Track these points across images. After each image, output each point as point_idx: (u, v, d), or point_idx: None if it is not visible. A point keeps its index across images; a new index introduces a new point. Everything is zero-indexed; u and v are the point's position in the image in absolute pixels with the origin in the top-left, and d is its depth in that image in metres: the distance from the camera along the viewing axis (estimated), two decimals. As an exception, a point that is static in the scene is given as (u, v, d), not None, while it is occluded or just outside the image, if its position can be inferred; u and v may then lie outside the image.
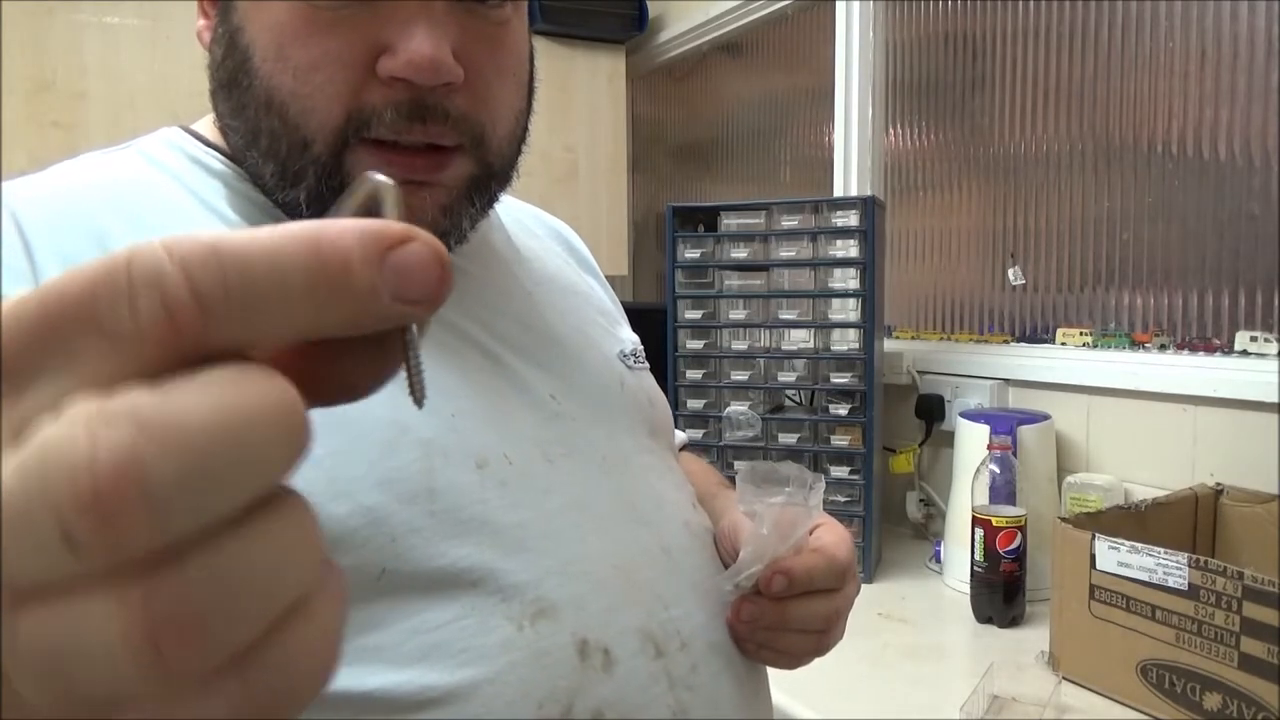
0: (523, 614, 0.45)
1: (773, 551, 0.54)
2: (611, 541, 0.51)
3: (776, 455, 1.45)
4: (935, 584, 1.35)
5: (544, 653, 0.44)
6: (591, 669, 0.45)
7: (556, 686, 0.44)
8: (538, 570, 0.46)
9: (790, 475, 0.56)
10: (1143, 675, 0.92)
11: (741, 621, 0.54)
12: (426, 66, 0.45)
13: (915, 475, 1.56)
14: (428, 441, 0.46)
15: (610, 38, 2.24)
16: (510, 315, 0.56)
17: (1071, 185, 1.44)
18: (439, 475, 0.45)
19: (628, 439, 0.58)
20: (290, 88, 0.46)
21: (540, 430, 0.52)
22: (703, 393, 1.49)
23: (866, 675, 1.04)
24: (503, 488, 0.47)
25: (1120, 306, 1.38)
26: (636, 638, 0.48)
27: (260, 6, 0.46)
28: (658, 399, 0.66)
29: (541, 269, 0.63)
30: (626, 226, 2.37)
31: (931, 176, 1.70)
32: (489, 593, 0.44)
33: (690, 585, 0.53)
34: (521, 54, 0.53)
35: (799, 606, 0.55)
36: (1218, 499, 1.14)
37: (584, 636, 0.46)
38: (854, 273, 1.40)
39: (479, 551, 0.45)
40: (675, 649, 0.49)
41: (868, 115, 1.76)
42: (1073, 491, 1.28)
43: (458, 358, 0.51)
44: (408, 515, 0.44)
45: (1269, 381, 1.11)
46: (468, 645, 0.43)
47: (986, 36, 1.57)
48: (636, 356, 0.65)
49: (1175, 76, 1.28)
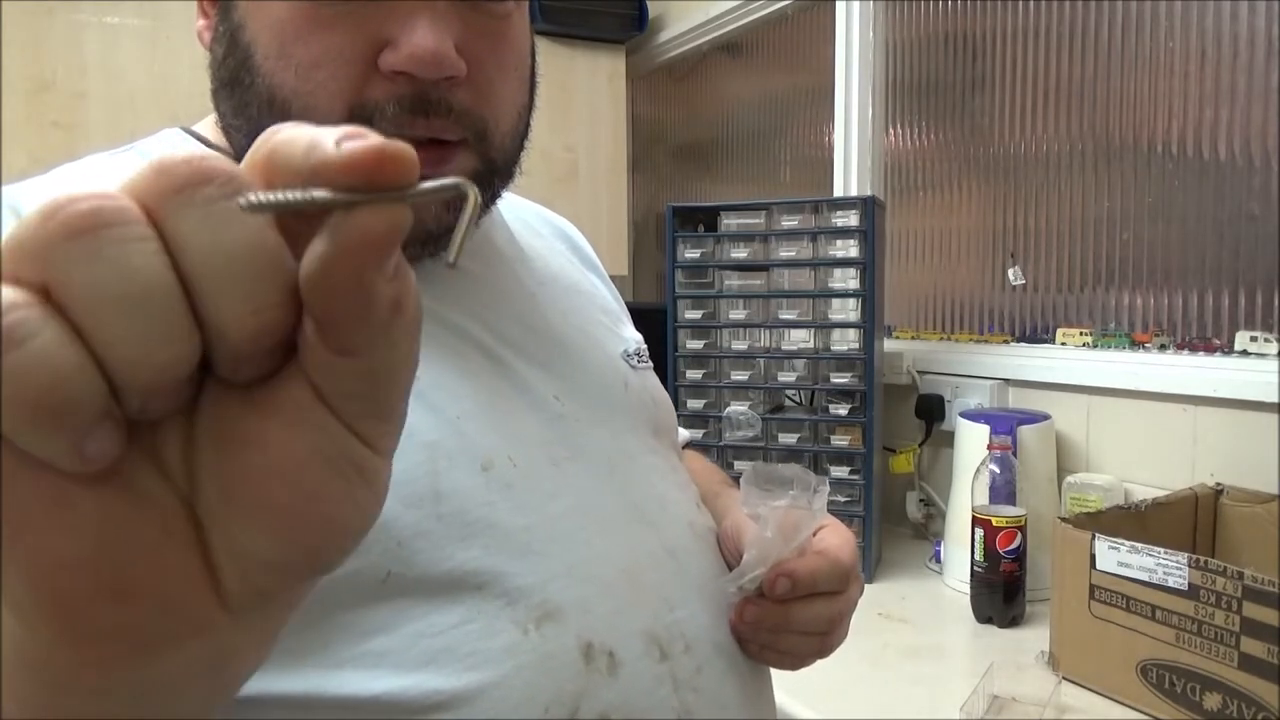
0: (528, 618, 0.45)
1: (776, 554, 0.54)
2: (616, 544, 0.51)
3: (776, 455, 1.45)
4: (935, 584, 1.35)
5: (549, 656, 0.44)
6: (597, 672, 0.45)
7: (562, 690, 0.44)
8: (543, 573, 0.46)
9: (794, 477, 0.56)
10: (1143, 675, 0.92)
11: (745, 623, 0.54)
12: (429, 60, 0.45)
13: (915, 475, 1.56)
14: (433, 444, 0.46)
15: (610, 38, 2.24)
16: (513, 315, 0.56)
17: (1071, 185, 1.44)
18: (444, 478, 0.45)
19: (631, 439, 0.58)
20: (292, 85, 0.45)
21: (544, 432, 0.52)
22: (703, 393, 1.49)
23: (866, 675, 1.04)
24: (508, 490, 0.47)
25: (1120, 306, 1.38)
26: (641, 640, 0.48)
27: (261, 5, 0.46)
28: (661, 399, 0.66)
29: (545, 268, 0.63)
30: (626, 226, 2.37)
31: (931, 176, 1.70)
32: (494, 596, 0.44)
33: (694, 587, 0.54)
34: (523, 49, 0.53)
35: (802, 609, 0.55)
36: (1218, 499, 1.14)
37: (589, 640, 0.46)
38: (854, 273, 1.40)
39: (485, 555, 0.45)
40: (680, 651, 0.49)
41: (868, 115, 1.76)
42: (1073, 491, 1.28)
43: (461, 359, 0.51)
44: (413, 519, 0.44)
45: (1269, 381, 1.11)
46: (474, 649, 0.43)
47: (986, 36, 1.57)
48: (640, 356, 0.65)
49: (1175, 76, 1.28)
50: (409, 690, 0.42)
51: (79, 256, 0.18)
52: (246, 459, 0.20)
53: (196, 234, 0.19)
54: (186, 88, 1.77)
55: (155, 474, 0.20)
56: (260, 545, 0.20)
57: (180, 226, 0.19)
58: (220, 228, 0.19)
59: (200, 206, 0.19)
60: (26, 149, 1.66)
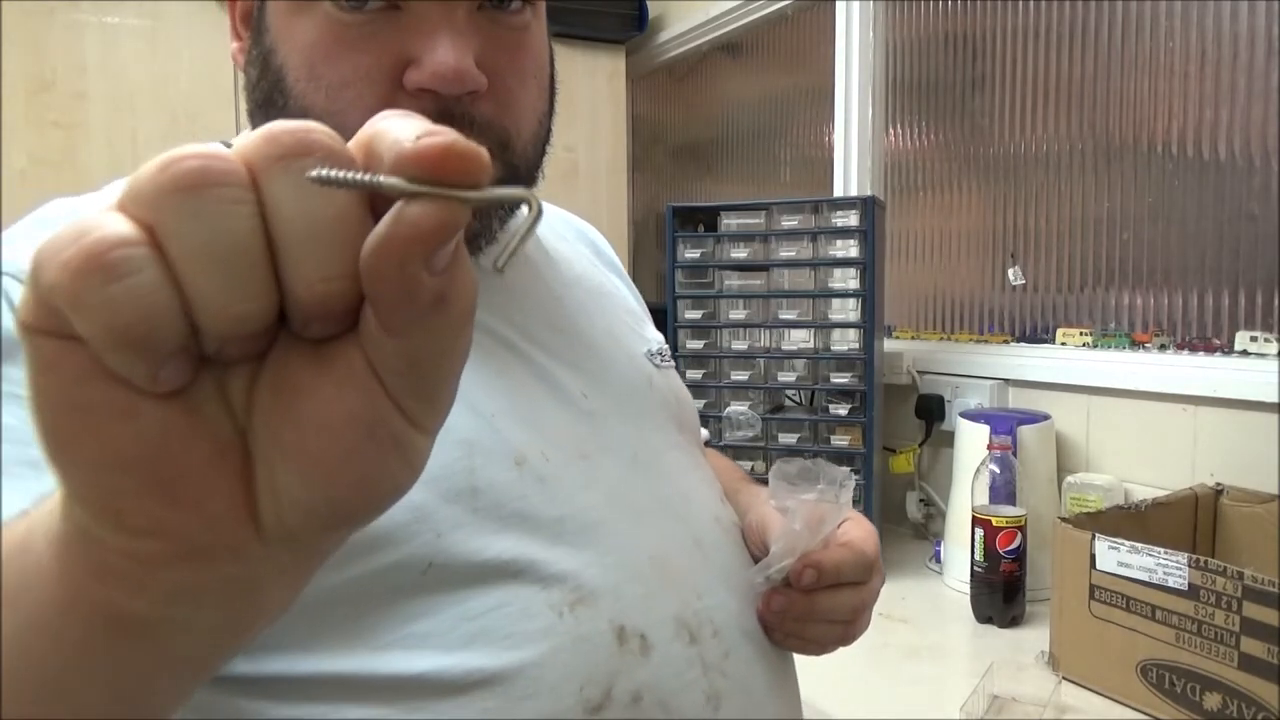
0: (563, 601, 0.47)
1: (804, 546, 0.56)
2: (645, 534, 0.52)
3: (776, 455, 1.45)
4: (935, 584, 1.35)
5: (584, 638, 0.46)
6: (630, 653, 0.48)
7: (597, 669, 0.46)
8: (576, 561, 0.48)
9: (821, 472, 0.58)
10: (1143, 675, 0.92)
11: (772, 612, 0.56)
12: (451, 77, 0.46)
13: (915, 475, 1.56)
14: (469, 442, 0.48)
15: (610, 38, 2.24)
16: (540, 317, 0.57)
17: (1071, 185, 1.44)
18: (480, 474, 0.47)
19: (657, 435, 0.60)
20: (323, 106, 0.47)
21: (574, 428, 0.54)
22: (703, 393, 1.49)
23: (866, 675, 1.04)
24: (541, 484, 0.50)
25: (1120, 306, 1.38)
26: (671, 625, 0.50)
27: (290, 29, 0.48)
28: (684, 397, 0.68)
29: (569, 271, 0.65)
30: (626, 226, 2.37)
31: (931, 176, 1.70)
32: (530, 582, 0.47)
33: (721, 576, 0.55)
34: (542, 57, 0.54)
35: (827, 598, 0.57)
36: (1218, 499, 1.14)
37: (621, 623, 0.48)
38: (854, 273, 1.40)
39: (520, 545, 0.47)
40: (708, 636, 0.51)
41: (868, 115, 1.76)
42: (1073, 491, 1.28)
43: (494, 359, 0.53)
44: (451, 512, 0.46)
45: (1269, 381, 1.11)
46: (511, 631, 0.45)
47: (986, 36, 1.57)
48: (663, 355, 0.67)
49: (1175, 76, 1.28)
50: (451, 669, 0.44)
51: (183, 210, 0.20)
52: (297, 407, 0.22)
53: (288, 201, 0.21)
54: (186, 88, 1.77)
55: (219, 404, 0.22)
56: (295, 488, 0.22)
57: (275, 191, 0.21)
58: (309, 198, 0.21)
59: (296, 174, 0.21)
60: (26, 149, 1.66)
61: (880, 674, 1.04)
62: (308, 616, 0.42)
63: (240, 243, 0.20)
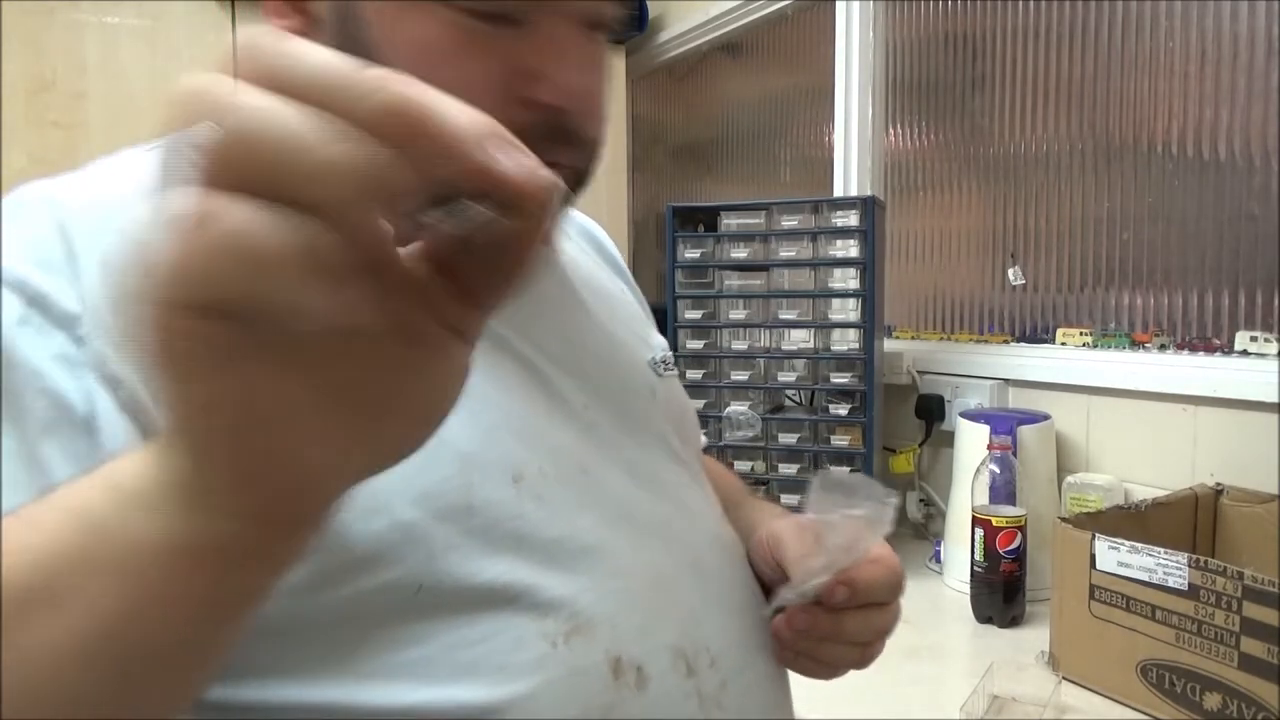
0: (557, 631, 0.45)
1: (841, 563, 0.54)
2: (644, 556, 0.51)
3: (776, 455, 1.45)
4: (935, 584, 1.35)
5: (579, 671, 0.45)
6: (625, 687, 0.46)
7: (591, 704, 0.44)
8: (573, 587, 0.46)
9: (860, 486, 0.55)
10: (1143, 675, 0.92)
11: (794, 630, 0.54)
12: (582, 96, 0.47)
13: (915, 475, 1.56)
14: (465, 455, 0.46)
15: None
16: (545, 321, 0.55)
17: (1071, 185, 1.44)
18: (476, 491, 0.45)
19: (658, 450, 0.58)
20: None
21: (574, 442, 0.52)
22: (703, 393, 1.49)
23: (866, 675, 1.03)
24: (538, 502, 0.48)
25: (1120, 306, 1.38)
26: (669, 655, 0.48)
27: (399, 22, 0.46)
28: (687, 407, 0.66)
29: (575, 273, 0.63)
30: (626, 226, 2.37)
31: (931, 176, 1.70)
32: (524, 609, 0.45)
33: (720, 601, 0.54)
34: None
35: (855, 618, 0.56)
36: (1218, 499, 1.14)
37: (618, 654, 0.46)
38: (854, 273, 1.41)
39: (515, 569, 0.45)
40: (705, 666, 0.50)
41: (868, 115, 1.76)
42: (1073, 491, 1.28)
43: (495, 366, 0.51)
44: (445, 532, 0.44)
45: (1269, 381, 1.11)
46: (503, 662, 0.43)
47: (986, 36, 1.57)
48: (666, 364, 0.65)
49: (1175, 76, 1.28)
50: (442, 702, 0.42)
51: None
52: None
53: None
54: (186, 88, 1.77)
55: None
56: None
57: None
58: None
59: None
60: (26, 149, 1.66)
61: (880, 674, 1.03)
62: (290, 639, 0.41)
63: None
